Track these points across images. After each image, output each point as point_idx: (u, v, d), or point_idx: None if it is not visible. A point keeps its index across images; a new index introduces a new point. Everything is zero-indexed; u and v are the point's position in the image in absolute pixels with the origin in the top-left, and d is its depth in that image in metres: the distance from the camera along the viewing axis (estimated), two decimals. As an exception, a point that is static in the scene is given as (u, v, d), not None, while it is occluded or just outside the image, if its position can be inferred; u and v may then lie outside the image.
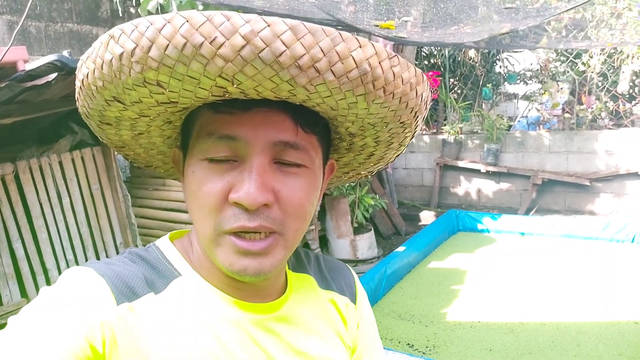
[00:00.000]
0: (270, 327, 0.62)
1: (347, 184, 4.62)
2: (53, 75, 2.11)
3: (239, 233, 0.54)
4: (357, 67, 0.47)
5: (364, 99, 0.50)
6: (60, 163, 2.79)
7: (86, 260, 2.87)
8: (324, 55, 0.45)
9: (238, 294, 0.61)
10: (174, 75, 0.47)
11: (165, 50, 0.45)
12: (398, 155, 0.70)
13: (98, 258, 2.94)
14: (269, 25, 0.44)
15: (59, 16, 3.80)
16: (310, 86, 0.47)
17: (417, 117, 0.59)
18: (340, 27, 3.57)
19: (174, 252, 0.62)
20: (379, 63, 0.48)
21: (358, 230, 4.73)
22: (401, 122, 0.58)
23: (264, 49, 0.44)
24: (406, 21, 3.39)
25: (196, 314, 0.57)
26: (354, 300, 0.76)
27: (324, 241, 4.77)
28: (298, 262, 0.74)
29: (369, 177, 0.78)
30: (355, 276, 0.80)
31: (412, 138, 0.65)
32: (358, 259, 4.60)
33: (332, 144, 0.65)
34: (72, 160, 2.84)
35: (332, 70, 0.46)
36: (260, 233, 0.54)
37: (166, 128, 0.60)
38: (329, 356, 0.66)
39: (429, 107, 0.60)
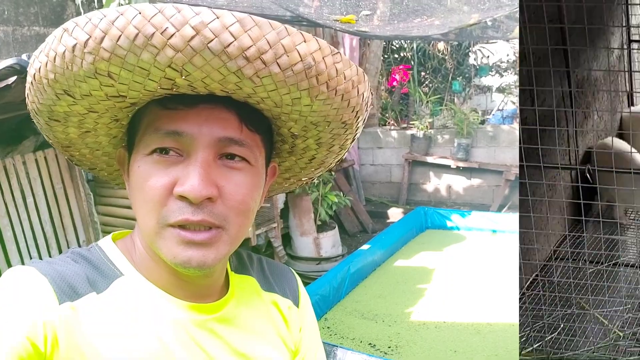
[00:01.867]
0: (211, 328, 0.62)
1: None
2: (12, 79, 2.12)
3: (182, 226, 0.54)
4: (301, 60, 0.49)
5: (308, 93, 0.52)
6: (24, 163, 2.90)
7: (50, 257, 2.76)
8: (270, 47, 0.47)
9: (180, 294, 0.61)
10: (125, 65, 0.48)
11: (117, 41, 0.46)
12: (338, 161, 0.72)
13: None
14: (218, 17, 0.46)
15: (25, 20, 3.90)
16: (257, 78, 0.49)
17: (359, 117, 0.60)
18: (304, 24, 3.43)
19: (116, 252, 0.63)
20: (323, 58, 0.50)
21: (322, 227, 4.61)
22: (343, 122, 0.59)
23: (212, 40, 0.45)
24: (367, 15, 3.25)
25: (138, 313, 0.57)
26: (296, 303, 0.77)
27: (287, 239, 4.64)
28: (240, 264, 0.74)
29: (309, 183, 0.79)
30: (299, 280, 0.81)
31: (352, 141, 0.66)
32: (322, 257, 4.48)
33: (275, 147, 0.67)
34: (36, 160, 2.94)
35: (277, 63, 0.48)
36: (203, 227, 0.55)
37: (113, 126, 0.61)
38: (270, 357, 0.67)
39: (369, 109, 0.62)
